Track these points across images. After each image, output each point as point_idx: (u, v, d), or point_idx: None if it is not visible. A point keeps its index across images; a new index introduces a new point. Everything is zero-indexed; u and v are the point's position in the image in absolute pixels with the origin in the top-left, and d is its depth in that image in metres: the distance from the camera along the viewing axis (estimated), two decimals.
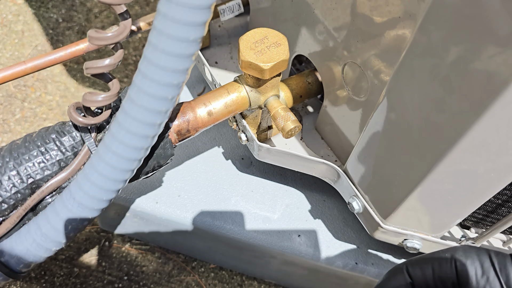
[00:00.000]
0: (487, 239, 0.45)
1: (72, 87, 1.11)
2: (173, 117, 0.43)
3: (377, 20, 0.38)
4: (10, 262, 0.38)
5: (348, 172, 0.51)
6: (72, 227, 0.38)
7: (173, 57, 0.32)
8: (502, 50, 0.27)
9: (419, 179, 0.39)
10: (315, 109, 0.62)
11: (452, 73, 0.31)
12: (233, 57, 0.68)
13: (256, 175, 0.65)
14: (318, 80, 0.54)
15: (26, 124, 1.03)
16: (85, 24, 1.22)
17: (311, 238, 0.62)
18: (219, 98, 0.46)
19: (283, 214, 0.63)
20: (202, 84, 0.74)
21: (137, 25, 0.49)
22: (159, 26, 0.31)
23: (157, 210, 0.62)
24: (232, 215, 0.62)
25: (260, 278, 0.85)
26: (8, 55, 1.13)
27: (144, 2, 1.29)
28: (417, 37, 0.33)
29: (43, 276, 0.84)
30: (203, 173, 0.65)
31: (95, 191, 0.36)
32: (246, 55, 0.43)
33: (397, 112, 0.39)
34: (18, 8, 1.23)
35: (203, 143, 0.68)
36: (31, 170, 0.37)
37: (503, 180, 0.38)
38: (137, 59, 1.16)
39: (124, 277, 0.85)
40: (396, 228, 0.48)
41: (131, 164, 0.36)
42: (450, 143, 0.34)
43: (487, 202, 0.49)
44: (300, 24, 0.51)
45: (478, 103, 0.30)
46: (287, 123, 0.46)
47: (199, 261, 0.87)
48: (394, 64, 0.37)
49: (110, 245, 0.88)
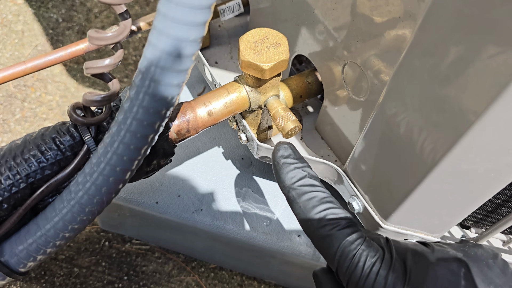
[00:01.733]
0: (487, 239, 0.45)
1: (72, 87, 1.11)
2: (173, 117, 0.43)
3: (377, 20, 0.38)
4: (10, 262, 0.38)
5: (348, 172, 0.51)
6: (72, 227, 0.38)
7: (173, 57, 0.32)
8: (502, 50, 0.27)
9: (419, 179, 0.39)
10: (315, 109, 0.62)
11: (452, 73, 0.31)
12: (233, 57, 0.68)
13: (256, 175, 0.65)
14: (318, 80, 0.54)
15: (26, 124, 1.03)
16: (85, 24, 1.22)
17: None
18: (219, 98, 0.46)
19: (283, 214, 0.63)
20: (202, 84, 0.74)
21: (137, 25, 0.49)
22: (159, 26, 0.31)
23: (157, 210, 0.62)
24: (232, 215, 0.62)
25: (260, 278, 0.85)
26: (8, 55, 1.13)
27: (144, 2, 1.29)
28: (417, 37, 0.33)
29: (43, 276, 0.84)
30: (203, 173, 0.65)
31: (95, 191, 0.36)
32: (246, 55, 0.43)
33: (397, 112, 0.39)
34: (18, 8, 1.23)
35: (203, 143, 0.68)
36: (31, 170, 0.37)
37: (503, 180, 0.38)
38: (137, 59, 1.16)
39: (124, 277, 0.85)
40: (396, 228, 0.48)
41: (131, 164, 0.36)
42: (450, 143, 0.34)
43: (487, 202, 0.49)
44: (300, 24, 0.51)
45: (478, 103, 0.30)
46: (287, 123, 0.46)
47: (199, 261, 0.87)
48: (394, 64, 0.37)
49: (110, 245, 0.88)
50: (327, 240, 0.34)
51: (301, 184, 0.36)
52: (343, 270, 0.33)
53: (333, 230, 0.34)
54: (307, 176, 0.37)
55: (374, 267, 0.32)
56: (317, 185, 0.37)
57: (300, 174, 0.37)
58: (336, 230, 0.34)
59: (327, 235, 0.34)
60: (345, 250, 0.33)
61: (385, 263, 0.32)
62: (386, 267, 0.32)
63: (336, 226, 0.34)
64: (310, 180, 0.37)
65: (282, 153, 0.39)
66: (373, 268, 0.32)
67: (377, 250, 0.33)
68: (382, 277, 0.31)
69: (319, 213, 0.35)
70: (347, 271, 0.32)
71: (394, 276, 0.31)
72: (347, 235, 0.33)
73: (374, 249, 0.33)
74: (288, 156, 0.39)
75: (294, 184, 0.37)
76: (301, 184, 0.36)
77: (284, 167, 0.38)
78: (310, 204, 0.35)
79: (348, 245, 0.33)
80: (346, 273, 0.33)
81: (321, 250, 0.35)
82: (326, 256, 0.34)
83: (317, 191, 0.36)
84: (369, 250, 0.33)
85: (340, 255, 0.33)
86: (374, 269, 0.32)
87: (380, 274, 0.31)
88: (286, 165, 0.38)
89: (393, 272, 0.31)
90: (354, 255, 0.32)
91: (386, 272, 0.31)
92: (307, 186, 0.36)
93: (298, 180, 0.37)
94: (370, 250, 0.33)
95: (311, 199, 0.35)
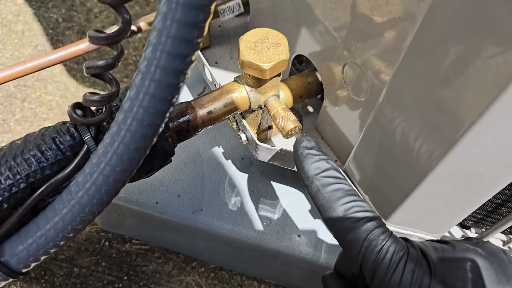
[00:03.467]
0: (487, 239, 0.45)
1: (72, 87, 1.11)
2: (173, 117, 0.43)
3: (377, 20, 0.38)
4: (10, 262, 0.38)
5: (348, 172, 0.51)
6: (72, 227, 0.38)
7: (173, 57, 0.32)
8: (503, 50, 0.27)
9: (419, 179, 0.39)
10: (315, 109, 0.62)
11: (452, 73, 0.31)
12: (233, 57, 0.68)
13: (256, 175, 0.65)
14: (318, 80, 0.54)
15: (26, 124, 1.03)
16: (85, 24, 1.22)
17: (311, 238, 0.62)
18: (219, 98, 0.46)
19: (283, 214, 0.63)
20: (202, 84, 0.74)
21: (137, 25, 0.49)
22: (159, 26, 0.31)
23: (157, 210, 0.62)
24: (232, 215, 0.62)
25: (260, 278, 0.85)
26: (8, 55, 1.13)
27: (144, 2, 1.29)
28: (417, 37, 0.33)
29: (43, 276, 0.84)
30: (203, 173, 0.65)
31: (95, 191, 0.36)
32: (246, 55, 0.43)
33: (397, 112, 0.39)
34: (18, 8, 1.23)
35: (203, 143, 0.68)
36: (31, 170, 0.37)
37: (503, 180, 0.38)
38: (137, 59, 1.16)
39: (124, 277, 0.85)
40: (396, 228, 0.48)
41: (131, 164, 0.36)
42: (450, 143, 0.34)
43: (487, 202, 0.49)
44: (300, 24, 0.51)
45: (478, 103, 0.30)
46: (287, 123, 0.46)
47: (199, 261, 0.87)
48: (394, 64, 0.37)
49: (110, 245, 0.88)
50: (352, 232, 0.33)
51: (326, 175, 0.36)
52: (368, 263, 0.32)
53: (359, 223, 0.33)
54: (332, 168, 0.37)
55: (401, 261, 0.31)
56: (342, 178, 0.36)
57: (325, 165, 0.37)
58: (363, 222, 0.33)
59: (353, 227, 0.33)
60: (372, 243, 0.32)
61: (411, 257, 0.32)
62: (412, 261, 0.31)
63: (362, 219, 0.33)
64: (335, 172, 0.37)
65: (306, 145, 0.39)
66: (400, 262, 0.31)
67: (403, 245, 0.33)
68: (409, 270, 0.31)
69: (344, 204, 0.34)
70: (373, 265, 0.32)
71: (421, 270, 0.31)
72: (373, 228, 0.33)
73: (400, 243, 0.33)
74: (312, 148, 0.38)
75: (319, 175, 0.36)
76: (326, 175, 0.36)
77: (308, 157, 0.37)
78: (335, 196, 0.35)
79: (375, 238, 0.32)
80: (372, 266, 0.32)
81: (343, 243, 0.34)
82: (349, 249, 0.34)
83: (342, 183, 0.36)
84: (396, 244, 0.32)
85: (367, 248, 0.32)
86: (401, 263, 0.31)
87: (408, 268, 0.31)
88: (310, 156, 0.37)
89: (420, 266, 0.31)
90: (381, 248, 0.32)
91: (413, 265, 0.31)
92: (332, 177, 0.36)
93: (323, 171, 0.36)
94: (397, 244, 0.32)
95: (336, 190, 0.35)
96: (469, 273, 0.30)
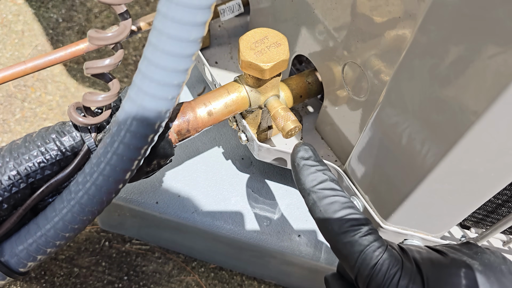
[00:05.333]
0: (487, 239, 0.45)
1: (72, 87, 1.11)
2: (173, 117, 0.43)
3: (377, 20, 0.38)
4: (10, 262, 0.38)
5: (348, 172, 0.51)
6: (72, 227, 0.38)
7: (173, 57, 0.32)
8: (502, 50, 0.27)
9: (419, 179, 0.39)
10: (315, 109, 0.62)
11: (452, 73, 0.31)
12: (233, 57, 0.68)
13: (256, 175, 0.65)
14: (318, 80, 0.54)
15: (26, 124, 1.03)
16: (85, 24, 1.22)
17: (311, 238, 0.62)
18: (219, 98, 0.46)
19: (283, 214, 0.63)
20: (202, 84, 0.74)
21: (137, 25, 0.49)
22: (159, 26, 0.31)
23: (157, 210, 0.62)
24: (232, 215, 0.62)
25: (260, 278, 0.85)
26: (8, 55, 1.13)
27: (144, 2, 1.29)
28: (417, 37, 0.33)
29: (43, 276, 0.84)
30: (203, 173, 0.65)
31: (95, 191, 0.36)
32: (246, 55, 0.43)
33: (397, 112, 0.39)
34: (18, 8, 1.23)
35: (203, 143, 0.68)
36: (31, 170, 0.37)
37: (503, 180, 0.38)
38: (137, 59, 1.16)
39: (124, 277, 0.85)
40: (396, 228, 0.48)
41: (131, 164, 0.36)
42: (450, 143, 0.34)
43: (487, 202, 0.49)
44: (300, 24, 0.51)
45: (478, 103, 0.30)
46: (287, 123, 0.46)
47: (199, 261, 0.87)
48: (394, 64, 0.37)
49: (110, 245, 0.88)
50: (348, 246, 0.33)
51: (322, 187, 0.36)
52: (363, 277, 0.33)
53: (355, 237, 0.33)
54: (328, 180, 0.37)
55: (395, 277, 0.31)
56: (338, 189, 0.36)
57: (321, 177, 0.37)
58: (358, 237, 0.33)
59: (348, 241, 0.33)
60: (367, 258, 0.32)
61: (405, 273, 0.32)
62: (406, 277, 0.31)
63: (358, 233, 0.33)
64: (331, 183, 0.36)
65: (303, 155, 0.38)
66: (394, 278, 0.31)
67: (398, 260, 0.33)
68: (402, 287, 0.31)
69: (340, 219, 0.34)
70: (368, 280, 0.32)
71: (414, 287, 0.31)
72: (369, 243, 0.33)
73: (395, 259, 0.33)
74: (309, 158, 0.38)
75: (315, 187, 0.36)
76: (322, 187, 0.36)
77: (305, 169, 0.37)
78: (331, 209, 0.35)
79: (370, 253, 0.32)
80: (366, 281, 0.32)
81: (340, 255, 0.35)
82: (345, 262, 0.34)
83: (338, 195, 0.36)
84: (390, 259, 0.32)
85: (362, 262, 0.32)
86: (394, 280, 0.31)
87: (401, 285, 0.31)
88: (306, 167, 0.37)
89: (414, 283, 0.31)
90: (376, 264, 0.32)
91: (407, 282, 0.31)
92: (329, 189, 0.36)
93: (319, 183, 0.36)
94: (391, 259, 0.32)
95: (333, 203, 0.35)
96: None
